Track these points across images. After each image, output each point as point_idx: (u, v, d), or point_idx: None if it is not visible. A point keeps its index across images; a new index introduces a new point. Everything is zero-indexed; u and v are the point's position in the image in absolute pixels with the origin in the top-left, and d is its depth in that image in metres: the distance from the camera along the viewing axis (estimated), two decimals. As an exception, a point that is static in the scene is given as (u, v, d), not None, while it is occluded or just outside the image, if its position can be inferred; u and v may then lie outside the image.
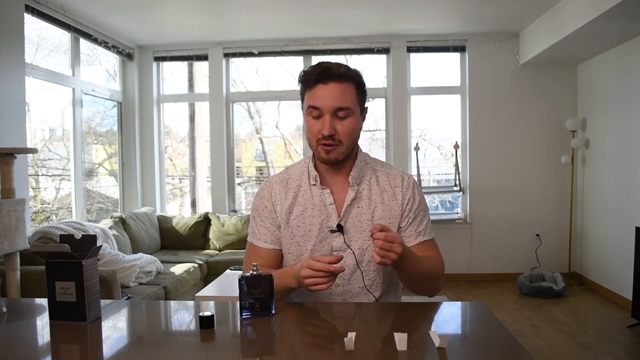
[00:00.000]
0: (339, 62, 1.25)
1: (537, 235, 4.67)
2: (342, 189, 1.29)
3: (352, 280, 1.27)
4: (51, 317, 1.07)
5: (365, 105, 1.30)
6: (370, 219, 1.27)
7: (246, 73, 5.25)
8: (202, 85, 5.25)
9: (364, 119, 1.31)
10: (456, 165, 4.69)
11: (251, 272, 1.07)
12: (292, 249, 1.30)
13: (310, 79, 1.22)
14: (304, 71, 1.25)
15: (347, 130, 1.22)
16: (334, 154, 1.23)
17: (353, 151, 1.30)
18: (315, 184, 1.30)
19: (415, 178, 4.67)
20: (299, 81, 1.27)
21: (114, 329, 1.06)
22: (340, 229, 1.26)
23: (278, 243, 1.33)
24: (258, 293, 1.07)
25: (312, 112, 1.22)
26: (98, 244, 1.25)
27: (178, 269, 3.72)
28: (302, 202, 1.30)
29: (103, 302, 1.15)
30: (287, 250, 1.31)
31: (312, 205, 1.29)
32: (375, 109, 4.99)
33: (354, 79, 1.24)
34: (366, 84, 1.30)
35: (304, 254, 1.28)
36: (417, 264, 1.19)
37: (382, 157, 4.86)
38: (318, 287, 1.08)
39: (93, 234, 2.24)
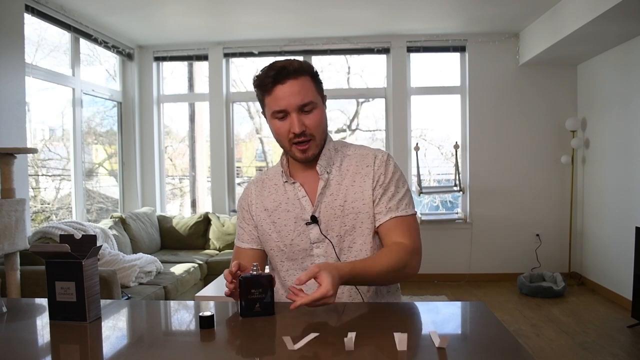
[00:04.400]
0: (290, 58, 1.24)
1: (537, 235, 4.68)
2: (313, 181, 1.29)
3: None
4: (51, 317, 1.07)
5: (324, 94, 1.30)
6: (343, 203, 1.25)
7: (246, 73, 5.25)
8: (202, 85, 5.25)
9: (325, 107, 1.30)
10: (456, 165, 4.69)
11: (251, 272, 1.07)
12: (272, 245, 1.31)
13: (267, 82, 1.20)
14: (257, 76, 1.23)
15: (316, 123, 1.22)
16: (310, 151, 1.24)
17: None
18: (286, 181, 1.30)
19: (415, 178, 4.67)
20: (255, 86, 1.25)
21: (114, 329, 1.06)
22: (314, 220, 1.25)
23: (256, 242, 1.34)
24: (258, 293, 1.06)
25: (278, 115, 1.21)
26: (98, 244, 1.24)
27: (178, 269, 3.72)
28: (276, 199, 1.31)
29: (103, 302, 1.15)
30: (269, 247, 1.32)
31: (285, 200, 1.29)
32: (375, 109, 4.99)
33: (308, 71, 1.23)
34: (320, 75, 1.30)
35: (283, 249, 1.29)
36: (369, 274, 1.13)
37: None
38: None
39: (93, 234, 2.24)
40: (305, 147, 1.23)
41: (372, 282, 1.19)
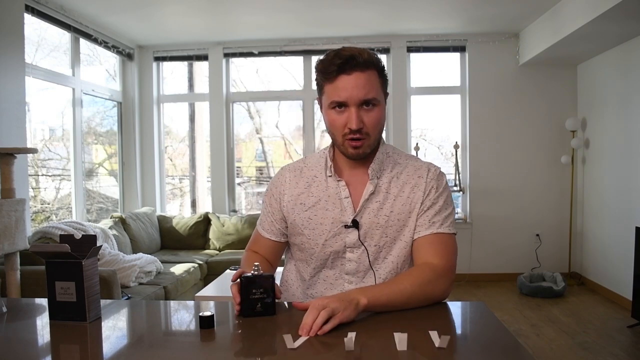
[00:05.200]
0: (359, 47, 1.17)
1: (537, 235, 4.68)
2: (359, 182, 1.21)
3: (366, 279, 1.21)
4: (51, 317, 1.07)
5: (387, 91, 1.22)
6: (389, 214, 1.19)
7: (246, 73, 5.25)
8: (202, 85, 5.25)
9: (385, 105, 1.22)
10: (456, 165, 4.69)
11: (252, 272, 1.07)
12: (303, 240, 1.23)
13: (331, 69, 1.12)
14: (322, 60, 1.15)
15: (375, 121, 1.15)
16: (363, 149, 1.16)
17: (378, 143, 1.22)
18: (331, 175, 1.22)
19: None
20: (317, 70, 1.17)
21: (114, 329, 1.06)
22: (355, 224, 1.18)
23: (278, 235, 1.29)
24: (259, 293, 1.06)
25: (336, 106, 1.14)
26: (98, 244, 1.24)
27: (178, 269, 3.72)
28: (315, 193, 1.23)
29: (103, 302, 1.15)
30: (299, 241, 1.25)
31: (326, 197, 1.22)
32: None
33: (376, 65, 1.15)
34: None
35: (314, 248, 1.22)
36: (393, 301, 1.06)
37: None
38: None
39: (93, 234, 2.24)
40: (359, 143, 1.14)
41: (396, 304, 1.07)
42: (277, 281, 1.38)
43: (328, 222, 1.21)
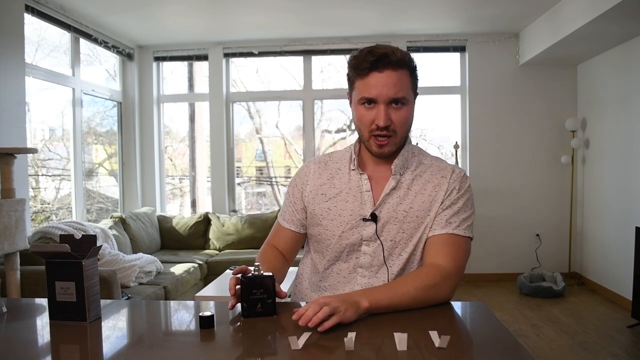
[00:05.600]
0: (392, 45, 1.18)
1: (537, 235, 4.68)
2: (382, 177, 1.23)
3: (379, 274, 1.21)
4: (51, 317, 1.07)
5: (417, 91, 1.23)
6: (408, 209, 1.19)
7: (246, 73, 5.25)
8: (202, 85, 5.25)
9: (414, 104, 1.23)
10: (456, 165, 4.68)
11: (253, 272, 1.07)
12: (320, 231, 1.25)
13: (364, 66, 1.14)
14: (355, 56, 1.17)
15: (403, 120, 1.17)
16: (388, 148, 1.18)
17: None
18: (354, 169, 1.24)
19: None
20: (350, 66, 1.18)
21: (114, 329, 1.06)
22: (374, 218, 1.19)
23: (298, 226, 1.31)
24: (259, 294, 1.06)
25: (366, 102, 1.16)
26: (98, 244, 1.24)
27: (178, 269, 3.72)
28: (337, 185, 1.25)
29: (103, 302, 1.15)
30: (316, 232, 1.26)
31: (347, 189, 1.24)
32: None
33: (408, 64, 1.17)
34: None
35: (331, 239, 1.23)
36: (394, 304, 1.07)
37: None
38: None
39: (93, 234, 2.24)
40: (385, 142, 1.17)
41: (397, 307, 1.08)
42: (290, 280, 1.39)
43: (347, 214, 1.22)
